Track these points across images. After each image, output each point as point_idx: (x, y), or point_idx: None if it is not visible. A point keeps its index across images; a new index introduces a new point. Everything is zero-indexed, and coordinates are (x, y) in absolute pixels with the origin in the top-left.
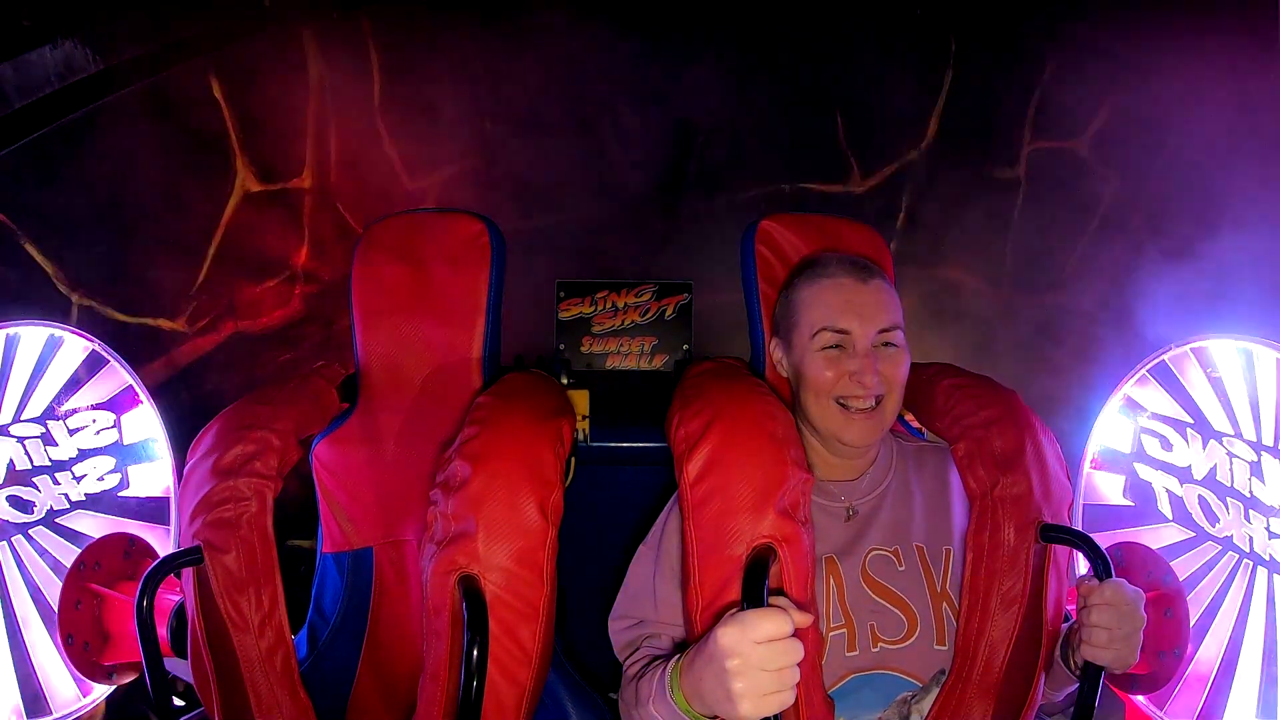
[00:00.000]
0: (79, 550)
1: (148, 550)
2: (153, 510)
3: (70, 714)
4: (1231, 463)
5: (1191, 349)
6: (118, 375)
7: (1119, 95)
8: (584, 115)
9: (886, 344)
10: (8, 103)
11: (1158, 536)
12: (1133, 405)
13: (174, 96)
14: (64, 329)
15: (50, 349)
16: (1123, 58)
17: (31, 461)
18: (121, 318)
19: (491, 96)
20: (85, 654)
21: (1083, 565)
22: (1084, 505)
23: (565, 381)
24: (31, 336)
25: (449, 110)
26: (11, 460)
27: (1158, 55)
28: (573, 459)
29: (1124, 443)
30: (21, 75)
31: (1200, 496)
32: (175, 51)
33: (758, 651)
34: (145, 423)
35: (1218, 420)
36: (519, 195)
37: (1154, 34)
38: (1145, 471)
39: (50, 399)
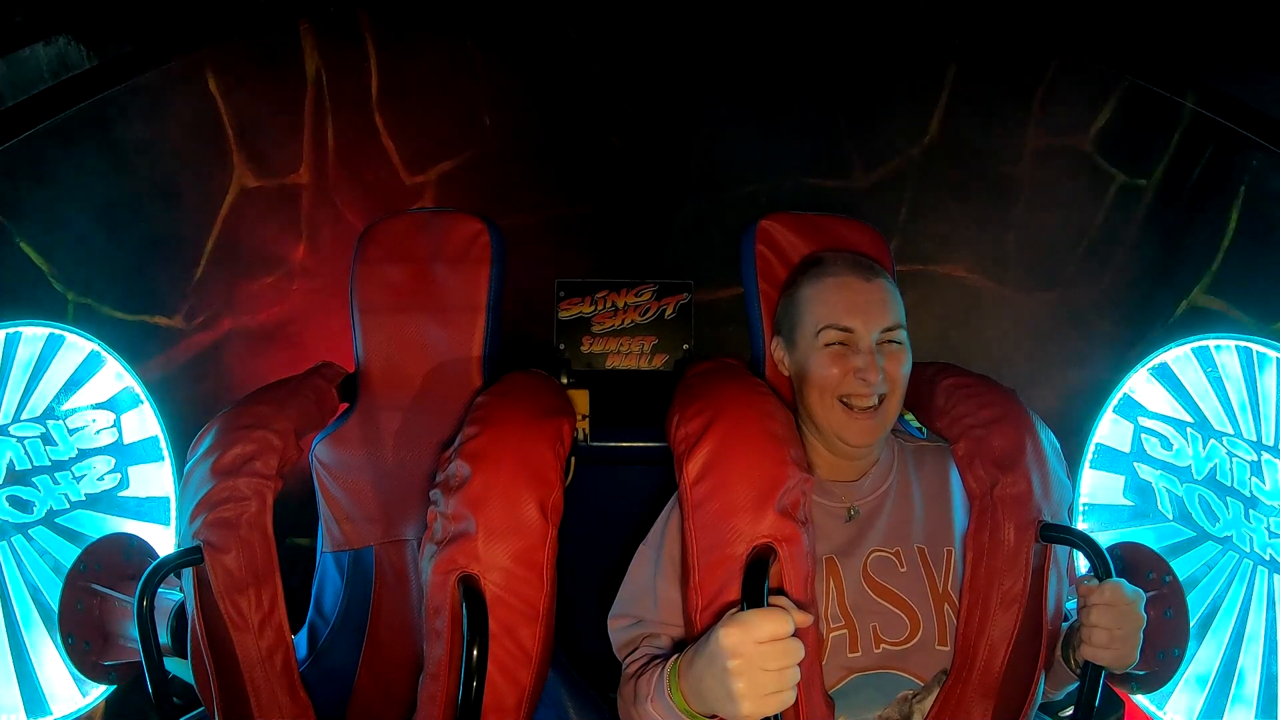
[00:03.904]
0: (79, 550)
1: (148, 550)
2: (153, 510)
3: (70, 714)
4: (1231, 463)
5: (1191, 349)
6: (117, 374)
7: (1124, 92)
8: (585, 111)
9: (889, 342)
10: (1, 100)
11: (1158, 536)
12: (1133, 405)
13: (169, 92)
14: (64, 329)
15: (50, 348)
16: (1128, 54)
17: (31, 461)
18: (119, 315)
19: (490, 91)
20: (85, 654)
21: (1083, 565)
22: (1084, 505)
23: (565, 381)
24: (31, 336)
25: (447, 104)
26: (11, 460)
27: (1162, 51)
28: (573, 459)
29: (1124, 443)
30: (15, 72)
31: (1200, 496)
32: (170, 47)
33: (759, 651)
34: (145, 422)
35: (1218, 420)
36: (518, 191)
37: (1159, 30)
38: (1145, 471)
39: (50, 399)
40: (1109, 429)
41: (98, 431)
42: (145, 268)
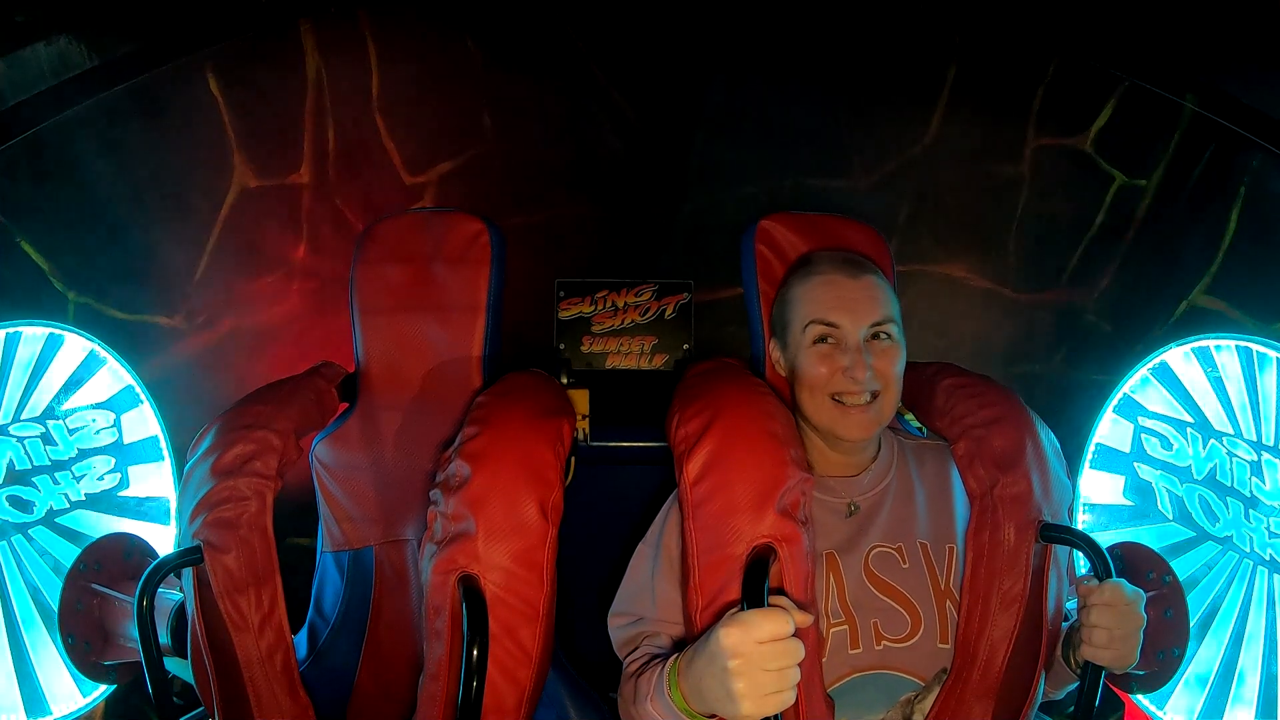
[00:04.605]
0: (79, 550)
1: (148, 550)
2: (153, 510)
3: (70, 714)
4: (1231, 463)
5: (1192, 349)
6: (117, 374)
7: (1124, 92)
8: (584, 111)
9: (879, 337)
10: (2, 100)
11: (1158, 536)
12: (1133, 405)
13: (170, 92)
14: (64, 328)
15: (50, 348)
16: (1128, 54)
17: (31, 461)
18: (119, 315)
19: (491, 91)
20: (85, 654)
21: (1083, 565)
22: (1084, 505)
23: (565, 381)
24: (31, 336)
25: (448, 105)
26: (11, 460)
27: (1162, 51)
28: (573, 459)
29: (1124, 443)
30: (16, 72)
31: (1200, 496)
32: (171, 47)
33: (759, 651)
34: (145, 422)
35: (1218, 420)
36: (518, 192)
37: (1159, 30)
38: (1145, 471)
39: (50, 399)
40: (1109, 429)
41: (98, 431)
42: (145, 268)
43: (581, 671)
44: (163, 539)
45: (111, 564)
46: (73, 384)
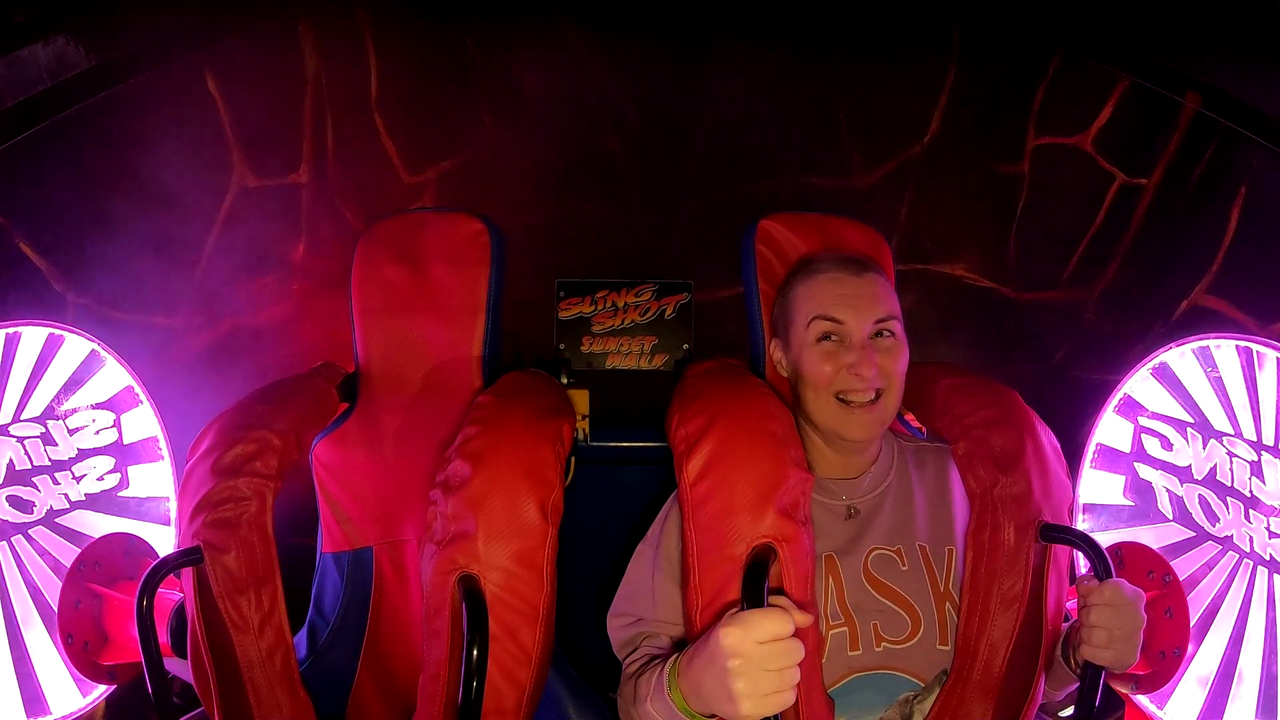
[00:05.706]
0: (79, 550)
1: (148, 550)
2: (152, 510)
3: (70, 714)
4: (1231, 463)
5: (1192, 349)
6: (117, 374)
7: (1124, 92)
8: (584, 110)
9: (882, 334)
10: (1, 100)
11: (1158, 536)
12: (1133, 405)
13: (169, 92)
14: (64, 328)
15: (50, 348)
16: (1128, 54)
17: (31, 461)
18: (118, 315)
19: (490, 90)
20: (85, 654)
21: (1083, 565)
22: (1084, 505)
23: (565, 381)
24: (31, 336)
25: (447, 104)
26: (11, 460)
27: (1162, 51)
28: (573, 458)
29: (1124, 442)
30: (14, 72)
31: (1200, 496)
32: (169, 47)
33: (759, 651)
34: (145, 422)
35: (1218, 420)
36: (518, 192)
37: (1159, 30)
38: (1145, 471)
39: (50, 399)
40: (1109, 429)
41: (98, 431)
42: (145, 268)
43: (581, 671)
44: (163, 539)
45: (111, 564)
46: (73, 384)
